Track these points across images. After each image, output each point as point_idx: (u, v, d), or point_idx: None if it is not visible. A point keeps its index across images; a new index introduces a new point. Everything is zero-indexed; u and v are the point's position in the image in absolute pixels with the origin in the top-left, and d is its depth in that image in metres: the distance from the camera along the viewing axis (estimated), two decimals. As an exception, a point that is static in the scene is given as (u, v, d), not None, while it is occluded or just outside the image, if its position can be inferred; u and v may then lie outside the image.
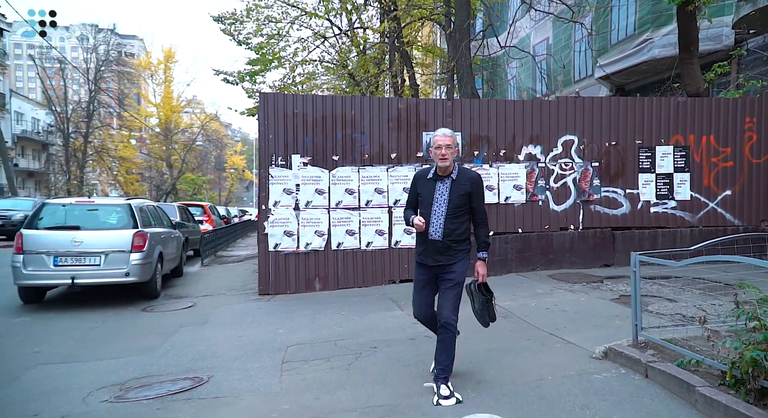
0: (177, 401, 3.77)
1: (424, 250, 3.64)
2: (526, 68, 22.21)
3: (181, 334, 5.78)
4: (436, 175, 3.64)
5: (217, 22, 17.17)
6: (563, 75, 19.68)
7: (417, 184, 3.73)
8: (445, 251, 3.56)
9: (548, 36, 20.60)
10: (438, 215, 3.55)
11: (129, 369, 4.56)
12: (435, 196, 3.57)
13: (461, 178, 3.60)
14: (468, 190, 3.55)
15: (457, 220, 3.54)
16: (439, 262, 3.59)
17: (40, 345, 5.36)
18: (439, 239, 3.54)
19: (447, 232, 3.52)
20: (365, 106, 7.97)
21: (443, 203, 3.55)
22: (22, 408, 3.71)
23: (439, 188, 3.58)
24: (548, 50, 20.29)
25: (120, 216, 7.58)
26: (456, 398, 3.48)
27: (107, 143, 46.36)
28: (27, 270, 6.78)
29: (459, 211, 3.54)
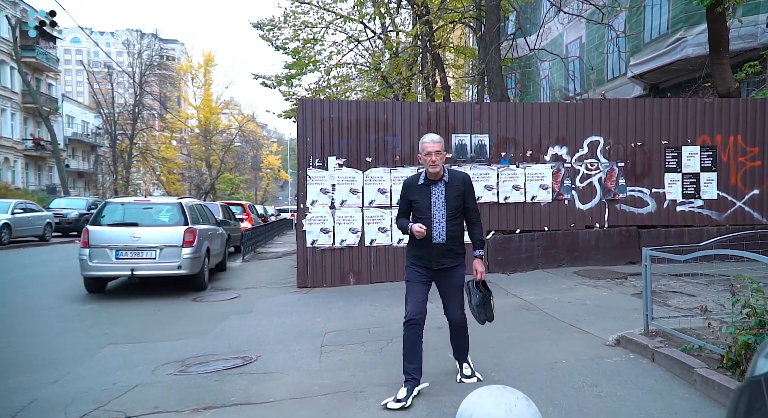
0: (232, 375, 4.32)
1: (427, 254, 3.65)
2: (559, 67, 22.17)
3: (229, 321, 6.37)
4: (428, 180, 3.67)
5: (256, 28, 17.90)
6: (596, 74, 19.62)
7: (409, 192, 3.73)
8: (449, 253, 3.63)
9: (581, 35, 20.56)
10: (439, 218, 3.59)
11: (187, 349, 5.15)
12: (432, 201, 3.61)
13: (453, 180, 3.66)
14: (462, 190, 3.64)
15: (456, 221, 3.63)
16: (444, 265, 3.64)
17: (108, 328, 6.04)
18: (443, 242, 3.60)
19: (449, 234, 3.59)
20: (397, 110, 8.42)
21: (442, 207, 3.60)
22: (101, 379, 4.33)
23: (435, 193, 3.63)
24: (581, 49, 20.29)
25: (172, 214, 8.27)
26: (477, 377, 3.80)
27: (151, 144, 48.34)
28: (92, 263, 7.53)
29: (457, 212, 3.62)
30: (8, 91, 34.90)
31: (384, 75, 19.11)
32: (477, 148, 8.34)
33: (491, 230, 8.36)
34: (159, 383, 4.20)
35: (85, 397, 3.90)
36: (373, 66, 19.51)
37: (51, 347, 5.32)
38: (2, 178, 32.95)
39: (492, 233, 8.37)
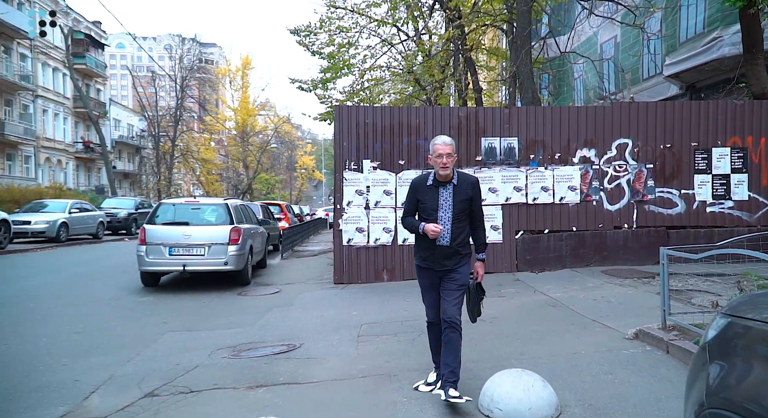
0: (279, 359, 4.82)
1: (430, 255, 3.64)
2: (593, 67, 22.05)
3: (272, 313, 6.90)
4: (437, 181, 3.65)
5: (293, 34, 18.54)
6: (631, 73, 19.47)
7: (417, 192, 3.72)
8: (453, 255, 3.61)
9: (616, 34, 20.42)
10: (445, 220, 3.59)
11: (237, 337, 5.68)
12: (440, 203, 3.60)
13: (463, 184, 3.64)
14: (470, 194, 3.62)
15: (461, 224, 3.62)
16: (446, 266, 3.62)
17: (165, 318, 6.66)
18: (447, 244, 3.59)
19: (454, 237, 3.59)
20: (428, 115, 8.81)
21: (448, 209, 3.59)
22: (166, 360, 4.89)
23: (443, 194, 3.61)
24: (616, 49, 20.16)
25: (218, 214, 8.89)
26: (465, 399, 3.40)
27: (191, 146, 50.08)
28: (149, 258, 8.22)
29: (462, 215, 3.62)
30: (61, 97, 36.87)
31: (417, 78, 19.48)
32: (506, 150, 8.65)
33: (520, 230, 8.66)
34: (216, 364, 4.73)
35: (153, 375, 4.45)
36: (406, 68, 19.91)
37: (119, 333, 5.95)
38: (55, 179, 34.86)
39: (521, 233, 8.66)
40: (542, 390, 3.30)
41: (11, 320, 6.51)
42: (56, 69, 36.18)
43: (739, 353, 1.45)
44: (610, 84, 21.10)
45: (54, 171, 36.03)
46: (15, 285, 8.86)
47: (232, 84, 52.24)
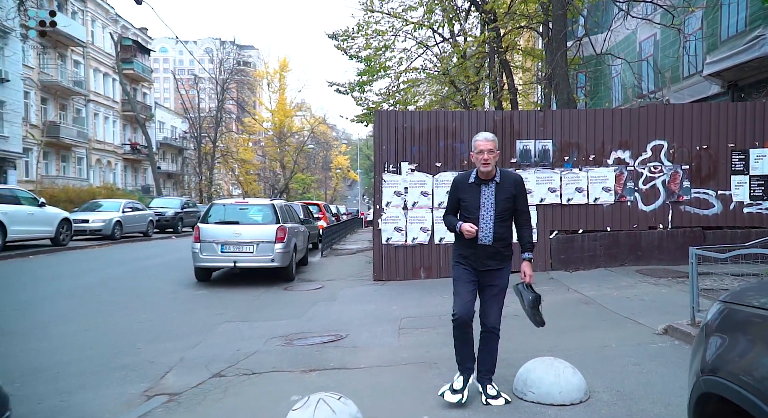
0: (328, 347, 5.27)
1: (472, 254, 3.56)
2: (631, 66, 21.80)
3: (317, 307, 7.38)
4: (479, 179, 3.57)
5: (332, 38, 19.09)
6: (671, 72, 19.21)
7: (459, 190, 3.65)
8: (495, 255, 3.53)
9: (655, 32, 20.16)
10: (487, 219, 3.51)
11: (288, 327, 6.17)
12: (482, 201, 3.52)
13: (505, 182, 3.56)
14: (513, 192, 3.54)
15: (504, 223, 3.54)
16: (489, 267, 3.54)
17: (221, 310, 7.23)
18: (490, 243, 3.51)
19: (497, 236, 3.50)
20: (465, 118, 9.14)
21: (491, 207, 3.51)
22: (227, 347, 5.41)
23: (485, 192, 3.53)
24: (655, 47, 19.91)
25: (265, 213, 9.45)
26: (504, 399, 3.55)
27: (230, 147, 51.61)
28: (202, 255, 8.84)
29: (506, 214, 3.53)
30: (110, 101, 38.69)
31: (452, 79, 19.74)
32: (540, 152, 8.89)
33: (554, 230, 8.89)
34: (272, 351, 5.22)
35: (218, 359, 4.97)
36: (442, 70, 20.20)
37: (181, 323, 6.54)
38: (105, 179, 36.63)
39: (555, 233, 8.89)
40: (572, 376, 3.62)
41: (86, 309, 7.20)
42: (106, 74, 37.98)
43: (727, 331, 1.77)
44: (648, 83, 20.85)
45: (104, 172, 37.85)
46: (83, 279, 9.65)
47: (270, 86, 53.54)
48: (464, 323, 3.52)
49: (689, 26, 17.40)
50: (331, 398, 3.21)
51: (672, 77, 19.18)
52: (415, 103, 21.34)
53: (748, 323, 1.69)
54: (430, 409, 3.58)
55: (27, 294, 8.12)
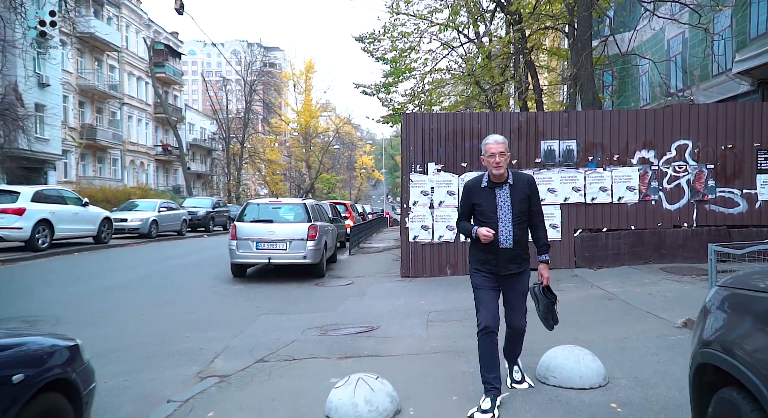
0: (361, 337, 5.63)
1: (493, 259, 3.52)
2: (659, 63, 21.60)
3: (349, 301, 7.75)
4: (491, 182, 3.54)
5: (358, 41, 19.45)
6: (700, 69, 19.00)
7: (472, 194, 3.60)
8: (516, 258, 3.51)
9: (684, 30, 19.94)
10: (506, 222, 3.47)
11: (322, 320, 6.55)
12: (498, 204, 3.49)
13: (519, 183, 3.54)
14: (528, 193, 3.53)
15: (522, 225, 3.52)
16: (511, 270, 3.52)
17: (258, 303, 7.66)
18: (511, 246, 3.48)
19: (517, 239, 3.48)
20: (490, 120, 9.39)
21: (508, 210, 3.48)
22: (267, 336, 5.81)
23: (500, 196, 3.50)
24: (683, 45, 19.72)
25: (297, 212, 9.87)
26: (528, 383, 3.86)
27: (258, 147, 52.59)
28: (239, 252, 9.31)
29: (523, 216, 3.52)
30: (143, 104, 39.92)
31: (477, 80, 19.91)
32: (565, 153, 9.08)
33: (578, 228, 9.07)
34: (309, 340, 5.59)
35: (260, 346, 5.37)
36: (467, 71, 20.39)
37: (222, 315, 6.99)
38: (138, 179, 37.85)
39: (579, 231, 9.07)
40: (592, 362, 3.89)
41: (134, 302, 7.71)
42: (139, 78, 39.21)
43: (720, 310, 2.04)
44: (677, 81, 20.65)
45: (137, 172, 39.08)
46: (127, 274, 10.23)
47: (296, 87, 54.37)
48: (492, 332, 3.48)
49: (718, 24, 17.22)
50: (370, 377, 3.56)
51: (701, 75, 18.97)
52: (440, 104, 21.56)
53: (736, 303, 1.96)
54: (458, 390, 3.89)
55: (78, 288, 8.70)
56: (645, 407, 3.46)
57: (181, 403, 3.80)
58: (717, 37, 16.98)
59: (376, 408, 3.35)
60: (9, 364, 2.38)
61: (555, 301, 3.72)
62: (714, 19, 16.24)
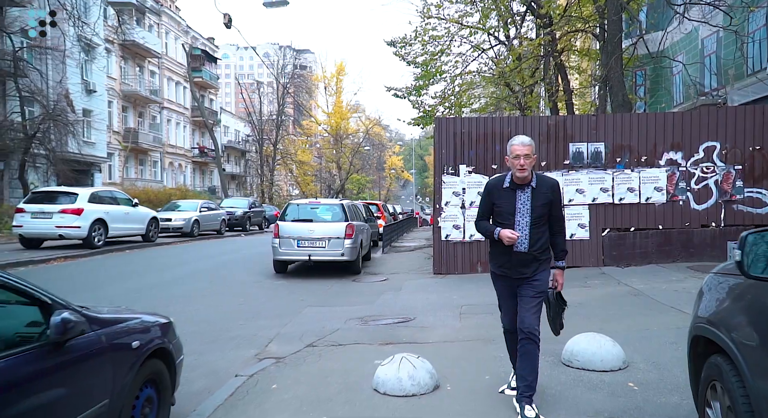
0: (399, 326, 6.13)
1: (507, 262, 3.46)
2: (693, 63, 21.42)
3: (385, 295, 8.26)
4: (514, 184, 3.44)
5: (390, 46, 19.95)
6: (734, 69, 18.82)
7: (492, 194, 3.52)
8: (531, 263, 3.43)
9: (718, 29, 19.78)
10: (523, 225, 3.40)
11: (362, 311, 7.08)
12: (517, 206, 3.41)
13: (542, 187, 3.44)
14: (550, 198, 3.43)
15: (540, 229, 3.43)
16: (524, 274, 3.45)
17: (301, 297, 8.25)
18: (525, 250, 3.40)
19: (532, 243, 3.40)
20: (519, 123, 9.76)
21: (527, 213, 3.40)
22: (313, 325, 6.37)
23: (521, 198, 3.41)
24: (717, 44, 19.57)
25: (335, 212, 10.45)
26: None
27: (289, 149, 53.73)
28: (281, 249, 9.94)
29: (541, 220, 3.43)
30: (181, 107, 41.44)
31: (507, 81, 20.17)
32: (593, 155, 9.39)
33: (606, 228, 9.36)
34: (351, 329, 6.13)
35: (308, 334, 5.92)
36: (497, 72, 20.67)
37: (270, 306, 7.60)
38: (176, 181, 39.30)
39: (607, 231, 9.36)
40: (612, 348, 4.29)
41: (189, 295, 8.41)
42: (178, 83, 40.72)
43: (710, 292, 2.45)
44: (710, 80, 20.47)
45: (175, 174, 40.58)
46: (177, 270, 10.99)
47: (327, 90, 55.27)
48: (513, 332, 3.61)
49: (753, 23, 17.10)
50: (412, 357, 4.06)
51: (735, 75, 18.80)
52: (469, 105, 21.88)
53: (722, 286, 2.38)
54: (490, 371, 4.35)
55: (136, 282, 9.46)
56: (659, 387, 3.85)
57: (247, 377, 4.37)
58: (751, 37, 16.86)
59: (417, 383, 3.84)
60: (128, 333, 2.98)
61: (564, 307, 3.65)
62: (748, 19, 16.17)
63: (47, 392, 2.31)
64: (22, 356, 2.24)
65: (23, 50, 22.47)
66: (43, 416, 2.28)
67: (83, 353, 2.55)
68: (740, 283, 2.24)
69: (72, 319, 2.41)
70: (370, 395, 3.89)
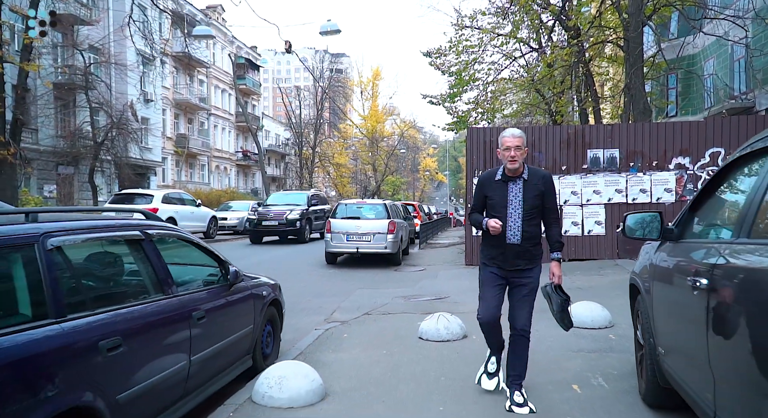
0: (436, 302, 7.53)
1: (500, 254, 3.49)
2: (723, 66, 21.99)
3: (423, 281, 9.67)
4: (506, 176, 3.47)
5: (426, 56, 21.33)
6: (762, 73, 19.40)
7: (484, 187, 3.56)
8: (524, 254, 3.46)
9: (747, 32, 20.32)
10: (515, 217, 3.42)
11: (404, 292, 8.51)
12: (509, 199, 3.44)
13: (533, 178, 3.46)
14: (542, 189, 3.45)
15: (533, 221, 3.46)
16: (518, 266, 3.47)
17: (352, 282, 9.75)
18: (518, 242, 3.42)
19: (525, 235, 3.42)
20: (542, 133, 11.00)
21: (519, 205, 3.43)
22: (365, 301, 7.83)
23: (512, 190, 3.45)
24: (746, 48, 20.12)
25: (378, 211, 11.92)
26: (530, 408, 3.40)
27: (327, 151, 55.69)
28: (333, 243, 11.49)
29: (534, 212, 3.45)
30: (227, 113, 43.88)
31: (538, 88, 21.24)
32: (608, 160, 10.55)
33: (619, 225, 10.48)
34: (397, 303, 7.57)
35: (363, 306, 7.38)
36: (528, 78, 21.74)
37: (328, 288, 9.12)
38: (221, 183, 41.68)
39: (620, 228, 10.48)
40: (600, 311, 5.59)
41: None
42: (224, 90, 43.16)
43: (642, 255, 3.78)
44: (740, 84, 21.05)
45: (221, 176, 43.01)
46: (245, 261, 12.59)
47: (363, 94, 57.04)
48: (488, 323, 3.62)
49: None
50: (447, 314, 5.48)
51: (764, 79, 19.37)
52: (501, 111, 23.04)
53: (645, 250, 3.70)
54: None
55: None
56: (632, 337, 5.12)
57: (323, 330, 5.87)
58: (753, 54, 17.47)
59: (450, 332, 5.25)
60: (260, 286, 4.51)
61: (568, 300, 3.60)
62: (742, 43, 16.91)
63: (226, 310, 3.83)
64: (214, 289, 3.77)
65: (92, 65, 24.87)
66: (225, 325, 3.79)
67: (241, 295, 4.07)
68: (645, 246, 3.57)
69: (238, 271, 3.93)
70: (415, 341, 5.31)
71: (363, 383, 4.08)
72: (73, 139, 24.32)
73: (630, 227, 3.22)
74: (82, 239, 2.61)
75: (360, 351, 5.02)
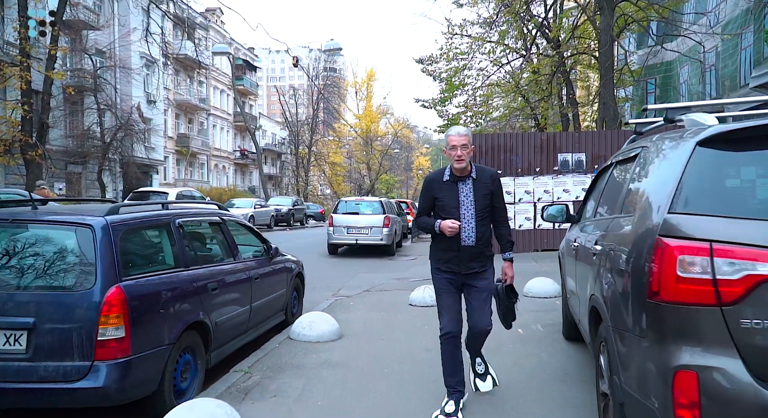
0: (424, 282, 8.93)
1: (454, 257, 3.37)
2: (696, 73, 23.62)
3: (413, 268, 11.15)
4: (454, 176, 3.36)
5: (419, 63, 22.81)
6: (730, 81, 21.01)
7: (433, 189, 3.43)
8: (478, 256, 3.37)
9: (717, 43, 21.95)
10: (468, 218, 3.32)
11: (398, 275, 9.99)
12: (461, 199, 3.33)
13: (482, 177, 3.38)
14: (491, 188, 3.37)
15: (485, 221, 3.37)
16: (473, 269, 3.38)
17: (353, 268, 11.22)
18: (473, 244, 3.32)
19: (479, 236, 3.33)
20: (518, 138, 12.51)
21: (471, 206, 3.33)
22: (366, 282, 9.29)
23: (463, 190, 3.34)
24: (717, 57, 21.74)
25: (375, 207, 13.40)
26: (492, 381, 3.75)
27: (322, 150, 56.99)
28: (335, 235, 12.95)
29: (485, 212, 3.36)
30: (225, 113, 45.14)
31: (523, 93, 22.77)
32: (576, 162, 12.07)
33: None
34: (392, 283, 9.04)
35: (363, 285, 8.85)
36: (513, 83, 23.26)
37: (332, 273, 10.59)
38: (220, 182, 42.97)
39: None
40: (552, 284, 7.10)
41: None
42: (222, 91, 44.42)
43: (569, 238, 5.26)
44: (712, 90, 22.73)
45: (219, 175, 44.28)
46: (252, 251, 14.12)
47: (358, 94, 58.40)
48: (454, 337, 3.41)
49: (745, 40, 19.39)
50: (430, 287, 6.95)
51: (732, 86, 21.01)
52: (489, 114, 24.58)
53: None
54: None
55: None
56: (575, 304, 6.63)
57: (334, 300, 7.34)
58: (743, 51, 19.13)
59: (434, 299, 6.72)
60: (288, 261, 5.97)
61: (516, 300, 3.61)
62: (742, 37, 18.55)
63: (270, 275, 5.27)
64: (261, 259, 5.21)
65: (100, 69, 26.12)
66: (269, 286, 5.23)
67: (278, 267, 5.53)
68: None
69: (278, 248, 5.39)
70: (406, 307, 6.80)
71: (368, 330, 5.56)
72: (83, 139, 25.55)
73: (550, 214, 4.68)
74: (193, 220, 4.08)
75: (364, 313, 6.49)
